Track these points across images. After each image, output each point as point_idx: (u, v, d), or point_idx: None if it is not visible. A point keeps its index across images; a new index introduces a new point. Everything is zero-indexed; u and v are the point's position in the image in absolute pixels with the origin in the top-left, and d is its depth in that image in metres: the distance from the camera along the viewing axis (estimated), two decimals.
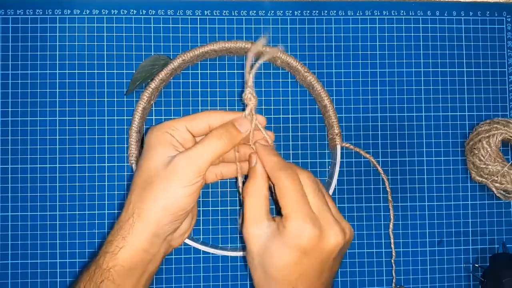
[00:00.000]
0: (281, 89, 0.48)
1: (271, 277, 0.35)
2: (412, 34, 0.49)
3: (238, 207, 0.47)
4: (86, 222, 0.46)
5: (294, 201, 0.34)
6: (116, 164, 0.46)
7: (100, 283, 0.34)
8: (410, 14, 0.49)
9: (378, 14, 0.49)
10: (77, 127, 0.46)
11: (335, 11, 0.49)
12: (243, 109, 0.38)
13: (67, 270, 0.46)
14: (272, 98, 0.48)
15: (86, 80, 0.47)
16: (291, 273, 0.34)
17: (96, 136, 0.46)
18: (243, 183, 0.40)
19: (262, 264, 0.35)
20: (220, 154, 0.36)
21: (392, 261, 0.47)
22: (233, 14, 0.48)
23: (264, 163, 0.37)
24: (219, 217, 0.47)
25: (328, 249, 0.34)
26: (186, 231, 0.40)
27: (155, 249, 0.36)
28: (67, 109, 0.46)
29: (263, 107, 0.48)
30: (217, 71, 0.48)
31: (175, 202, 0.35)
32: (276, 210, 0.47)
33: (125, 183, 0.46)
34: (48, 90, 0.46)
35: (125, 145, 0.46)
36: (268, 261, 0.34)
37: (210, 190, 0.47)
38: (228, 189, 0.47)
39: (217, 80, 0.47)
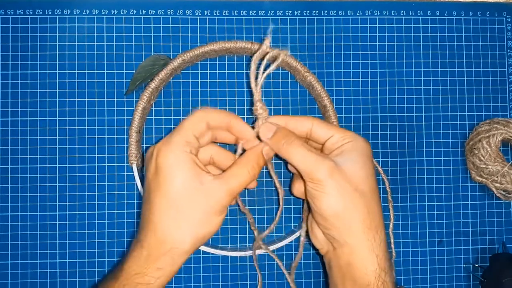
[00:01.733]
0: (281, 89, 0.48)
1: (367, 191, 0.36)
2: (412, 34, 0.49)
3: (237, 207, 0.47)
4: (86, 222, 0.46)
5: (328, 127, 0.38)
6: (116, 164, 0.46)
7: None
8: (410, 14, 0.49)
9: (378, 14, 0.49)
10: (77, 127, 0.46)
11: (335, 11, 0.49)
12: (245, 107, 0.38)
13: (67, 270, 0.46)
14: (272, 98, 0.48)
15: (86, 80, 0.47)
16: (374, 175, 0.38)
17: (96, 136, 0.46)
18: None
19: (353, 186, 0.35)
20: (252, 180, 0.37)
21: (392, 261, 0.47)
22: (233, 14, 0.48)
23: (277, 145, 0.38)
24: None
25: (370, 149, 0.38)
26: None
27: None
28: (67, 109, 0.46)
29: None
30: (217, 71, 0.48)
31: (212, 228, 0.36)
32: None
33: (125, 183, 0.46)
34: (48, 90, 0.46)
35: (125, 145, 0.46)
36: (360, 176, 0.36)
37: None
38: None
39: (217, 80, 0.47)
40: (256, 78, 0.38)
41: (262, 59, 0.38)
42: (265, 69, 0.37)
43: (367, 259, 0.35)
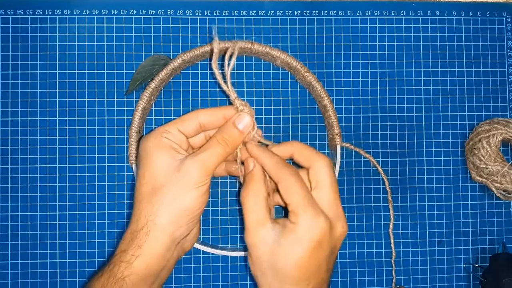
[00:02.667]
0: (281, 89, 0.48)
1: (286, 277, 0.35)
2: (412, 34, 0.49)
3: (238, 207, 0.47)
4: (86, 222, 0.46)
5: (302, 196, 0.35)
6: (116, 164, 0.46)
7: None
8: (410, 14, 0.49)
9: (378, 14, 0.49)
10: (77, 127, 0.46)
11: (335, 11, 0.49)
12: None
13: (67, 270, 0.46)
14: (272, 98, 0.48)
15: (86, 80, 0.47)
16: (307, 268, 0.34)
17: (96, 136, 0.46)
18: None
19: (273, 267, 0.35)
20: (225, 156, 0.37)
21: (392, 261, 0.47)
22: (233, 14, 0.48)
23: (263, 163, 0.37)
24: (219, 217, 0.47)
25: (338, 239, 0.36)
26: (196, 234, 0.41)
27: (170, 254, 0.36)
28: (67, 109, 0.46)
29: (263, 107, 0.48)
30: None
31: (189, 203, 0.35)
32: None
33: (125, 183, 0.46)
34: (48, 90, 0.46)
35: (125, 145, 0.46)
36: (281, 262, 0.34)
37: (210, 190, 0.47)
38: (228, 189, 0.47)
39: (217, 80, 0.47)
40: (224, 79, 0.38)
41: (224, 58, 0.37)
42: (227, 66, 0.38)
43: None
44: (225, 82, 0.38)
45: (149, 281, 0.36)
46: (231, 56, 0.38)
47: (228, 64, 0.37)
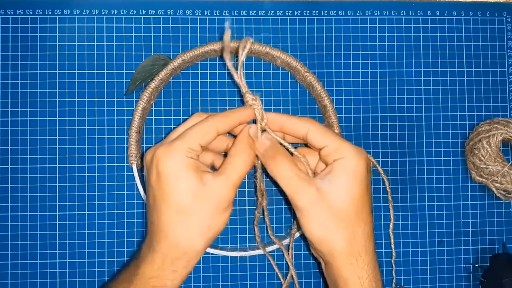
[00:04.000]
0: (281, 89, 0.48)
1: (348, 217, 0.35)
2: (412, 34, 0.49)
3: (237, 207, 0.47)
4: (86, 222, 0.46)
5: (335, 134, 0.38)
6: (116, 164, 0.46)
7: None
8: (410, 14, 0.49)
9: (378, 14, 0.49)
10: (77, 127, 0.46)
11: (335, 11, 0.49)
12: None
13: (67, 270, 0.46)
14: (272, 98, 0.48)
15: (86, 80, 0.47)
16: (365, 200, 0.36)
17: (96, 136, 0.46)
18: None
19: (335, 215, 0.35)
20: (248, 169, 0.37)
21: (392, 261, 0.47)
22: (233, 14, 0.48)
23: (283, 123, 0.38)
24: None
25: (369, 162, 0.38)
26: None
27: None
28: (67, 109, 0.46)
29: (263, 107, 0.47)
30: (217, 71, 0.48)
31: (221, 226, 0.36)
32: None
33: (125, 183, 0.46)
34: (48, 90, 0.46)
35: (125, 145, 0.46)
36: (339, 202, 0.35)
37: None
38: None
39: (217, 80, 0.47)
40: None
41: (236, 55, 0.37)
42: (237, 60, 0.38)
43: (350, 281, 0.36)
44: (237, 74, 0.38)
45: None
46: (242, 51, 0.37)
47: (237, 59, 0.37)
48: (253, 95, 0.37)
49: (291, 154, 0.39)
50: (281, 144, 0.39)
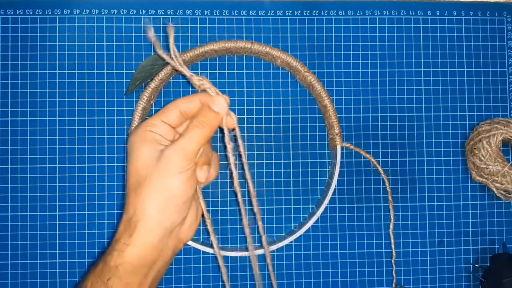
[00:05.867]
0: (281, 89, 0.48)
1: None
2: (412, 34, 0.49)
3: (237, 208, 0.47)
4: (86, 222, 0.46)
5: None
6: (116, 164, 0.46)
7: (108, 280, 0.34)
8: (410, 14, 0.49)
9: (378, 14, 0.49)
10: (77, 127, 0.46)
11: (335, 11, 0.49)
12: (244, 107, 0.38)
13: (67, 270, 0.46)
14: (272, 98, 0.48)
15: (86, 80, 0.47)
16: None
17: (96, 136, 0.46)
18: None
19: None
20: (204, 139, 0.37)
21: (393, 261, 0.47)
22: (233, 14, 0.48)
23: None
24: (219, 217, 0.47)
25: None
26: (193, 222, 0.40)
27: (163, 244, 0.36)
28: (67, 109, 0.46)
29: (263, 107, 0.48)
30: (217, 71, 0.47)
31: (174, 190, 0.36)
32: None
33: (125, 183, 0.46)
34: (48, 90, 0.46)
35: (125, 145, 0.46)
36: None
37: (210, 190, 0.47)
38: (228, 189, 0.47)
39: (217, 80, 0.47)
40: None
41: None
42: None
43: None
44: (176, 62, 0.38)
45: (142, 272, 0.36)
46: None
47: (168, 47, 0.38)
48: (199, 76, 0.38)
49: None
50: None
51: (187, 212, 0.38)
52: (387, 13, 0.49)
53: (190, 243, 0.44)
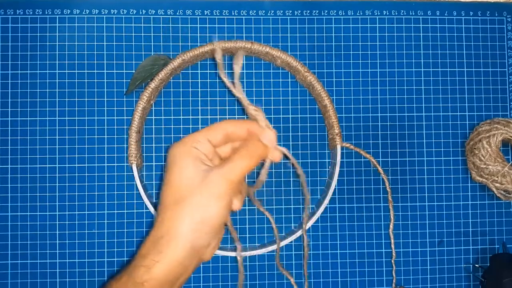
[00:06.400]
0: (281, 89, 0.48)
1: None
2: (412, 34, 0.49)
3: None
4: (86, 222, 0.46)
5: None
6: (116, 164, 0.46)
7: None
8: (410, 14, 0.49)
9: (378, 14, 0.49)
10: (77, 127, 0.46)
11: (335, 11, 0.49)
12: (243, 108, 0.38)
13: (67, 270, 0.46)
14: (272, 98, 0.48)
15: (86, 80, 0.47)
16: None
17: (96, 136, 0.46)
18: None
19: None
20: (249, 170, 0.37)
21: (392, 261, 0.47)
22: (233, 14, 0.48)
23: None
24: None
25: None
26: (215, 246, 0.40)
27: (189, 262, 0.36)
28: (67, 109, 0.46)
29: (263, 107, 0.48)
30: (217, 71, 0.47)
31: (211, 214, 0.36)
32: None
33: (125, 183, 0.46)
34: (48, 90, 0.46)
35: (125, 145, 0.46)
36: None
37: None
38: None
39: (217, 80, 0.47)
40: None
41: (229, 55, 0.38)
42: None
43: None
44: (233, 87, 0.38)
45: (167, 287, 0.36)
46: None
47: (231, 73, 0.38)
48: (255, 106, 0.38)
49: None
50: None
51: (216, 235, 0.38)
52: (387, 13, 0.49)
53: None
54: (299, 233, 0.45)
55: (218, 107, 0.47)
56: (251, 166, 0.37)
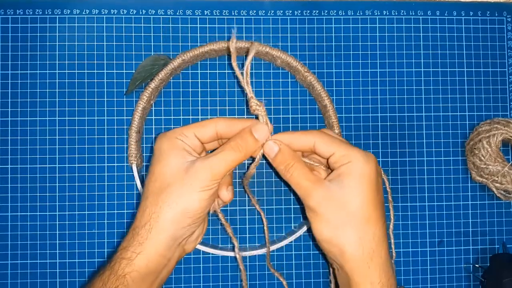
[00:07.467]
0: (281, 89, 0.48)
1: (361, 217, 0.35)
2: (412, 34, 0.49)
3: (237, 208, 0.47)
4: (86, 222, 0.46)
5: (342, 141, 0.38)
6: (116, 164, 0.46)
7: None
8: (410, 14, 0.49)
9: (378, 14, 0.49)
10: (77, 127, 0.46)
11: (335, 11, 0.49)
12: (244, 107, 0.38)
13: (67, 270, 0.46)
14: (272, 98, 0.48)
15: (86, 80, 0.47)
16: (377, 200, 0.36)
17: (96, 136, 0.46)
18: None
19: (347, 216, 0.35)
20: (236, 163, 0.37)
21: (392, 261, 0.47)
22: (233, 14, 0.48)
23: (290, 139, 0.39)
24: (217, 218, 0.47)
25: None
26: (199, 236, 0.41)
27: (171, 253, 0.36)
28: (67, 109, 0.46)
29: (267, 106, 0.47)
30: (217, 71, 0.48)
31: (193, 205, 0.35)
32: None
33: (125, 183, 0.46)
34: (48, 90, 0.46)
35: (125, 145, 0.46)
36: (352, 204, 0.35)
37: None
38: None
39: (217, 80, 0.47)
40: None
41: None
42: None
43: (361, 286, 0.35)
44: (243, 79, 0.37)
45: (149, 279, 0.36)
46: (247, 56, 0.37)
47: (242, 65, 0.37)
48: (258, 101, 0.37)
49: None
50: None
51: (198, 226, 0.38)
52: (387, 13, 0.49)
53: (208, 249, 0.44)
54: (299, 233, 0.45)
55: (218, 107, 0.47)
56: (238, 159, 0.36)
